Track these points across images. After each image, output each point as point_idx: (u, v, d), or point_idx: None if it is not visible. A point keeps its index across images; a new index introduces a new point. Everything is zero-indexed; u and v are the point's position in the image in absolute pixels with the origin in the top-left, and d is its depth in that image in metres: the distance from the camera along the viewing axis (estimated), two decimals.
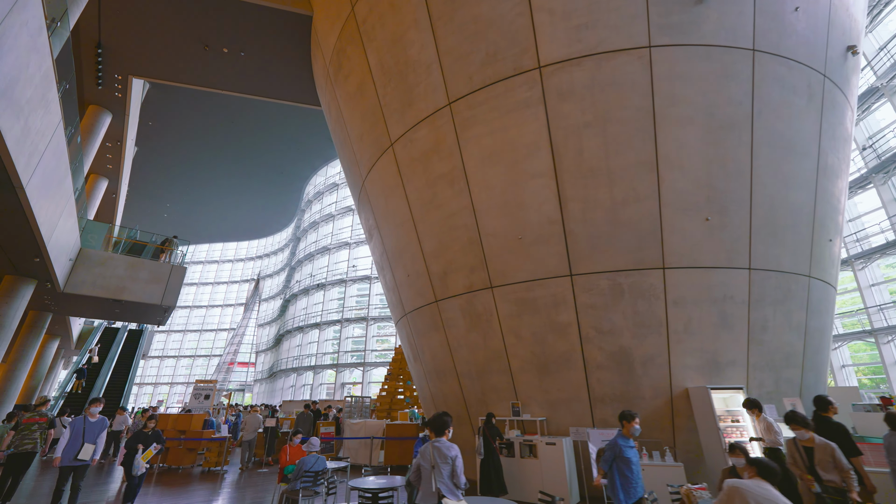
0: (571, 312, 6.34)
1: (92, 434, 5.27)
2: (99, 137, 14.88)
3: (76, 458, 5.06)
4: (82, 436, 5.17)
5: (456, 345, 7.62)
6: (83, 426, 5.23)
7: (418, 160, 7.85)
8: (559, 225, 6.38)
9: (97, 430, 5.35)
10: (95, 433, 5.31)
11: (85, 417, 5.35)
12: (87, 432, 5.20)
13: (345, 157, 11.06)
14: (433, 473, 2.89)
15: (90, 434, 5.25)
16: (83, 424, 5.24)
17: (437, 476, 2.87)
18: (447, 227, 7.50)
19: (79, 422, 5.27)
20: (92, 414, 5.39)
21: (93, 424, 5.34)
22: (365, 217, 10.46)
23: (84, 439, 5.15)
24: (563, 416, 6.45)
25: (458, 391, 7.75)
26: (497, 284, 6.91)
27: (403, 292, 8.97)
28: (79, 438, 5.14)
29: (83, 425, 5.23)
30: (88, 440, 5.19)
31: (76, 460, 5.07)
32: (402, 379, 12.55)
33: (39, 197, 7.85)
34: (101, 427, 5.40)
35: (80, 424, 5.23)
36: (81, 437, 5.15)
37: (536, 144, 6.53)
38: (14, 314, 11.60)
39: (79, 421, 5.27)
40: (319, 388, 23.27)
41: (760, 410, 5.16)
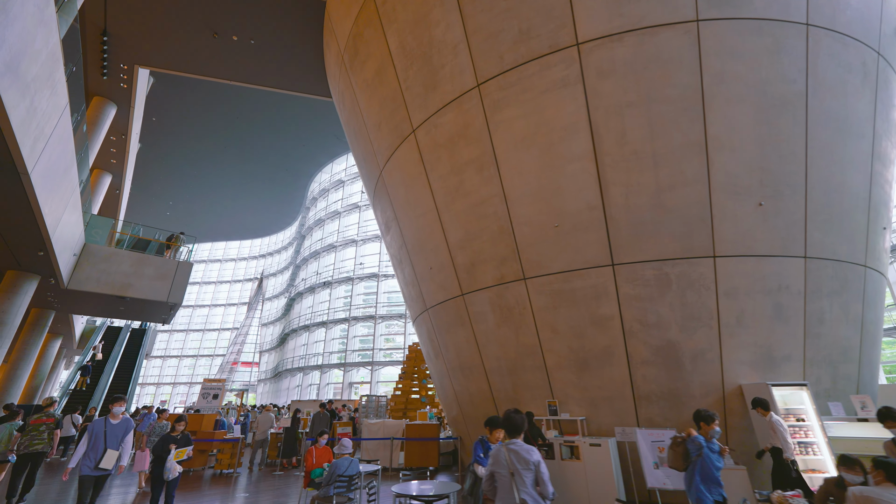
0: (613, 304, 5.94)
1: (115, 438, 4.62)
2: (103, 130, 14.50)
3: (98, 467, 4.41)
4: (104, 440, 4.50)
5: (484, 340, 7.23)
6: (104, 429, 4.57)
7: (443, 146, 7.46)
8: (599, 211, 5.99)
9: (121, 433, 4.70)
10: (119, 437, 4.66)
11: (106, 419, 4.70)
12: (109, 436, 4.56)
13: (359, 148, 10.66)
14: (513, 482, 2.49)
15: (113, 438, 4.60)
16: (104, 427, 4.59)
17: (519, 485, 2.47)
18: (475, 216, 7.11)
19: (99, 424, 4.61)
20: (114, 415, 4.76)
21: (115, 427, 4.68)
22: (382, 209, 10.06)
23: (106, 444, 4.51)
24: (605, 415, 6.05)
25: (486, 389, 7.35)
26: (531, 276, 6.51)
27: (424, 286, 8.58)
28: (100, 443, 4.49)
29: (104, 428, 4.58)
30: (111, 445, 4.55)
31: (98, 469, 4.42)
32: (416, 377, 12.16)
33: (44, 186, 7.46)
34: (125, 429, 4.77)
35: (101, 427, 4.58)
36: (103, 442, 4.49)
37: (574, 126, 6.13)
38: (16, 311, 11.21)
39: (99, 423, 4.62)
40: (327, 387, 22.87)
41: (767, 410, 4.87)
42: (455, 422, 8.80)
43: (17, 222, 8.29)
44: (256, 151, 30.54)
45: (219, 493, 7.14)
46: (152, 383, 37.74)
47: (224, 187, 34.87)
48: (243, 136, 28.90)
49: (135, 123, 15.56)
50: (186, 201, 35.45)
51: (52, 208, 8.38)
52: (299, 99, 25.58)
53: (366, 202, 25.73)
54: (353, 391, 22.02)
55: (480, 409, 7.61)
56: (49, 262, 10.57)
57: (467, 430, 8.18)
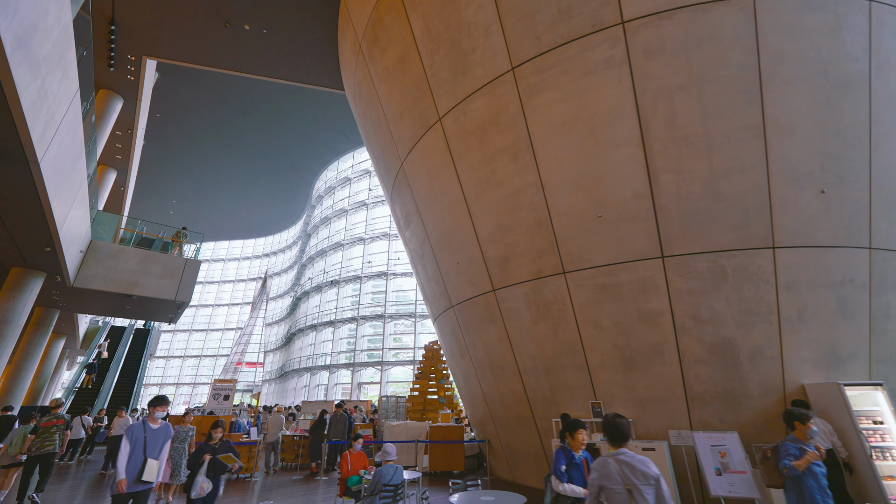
0: (663, 299, 5.57)
1: (155, 446, 3.96)
2: (109, 124, 14.13)
3: (138, 480, 3.79)
4: (143, 449, 3.86)
5: (518, 338, 6.86)
6: (144, 435, 3.92)
7: (473, 134, 7.09)
8: (648, 200, 5.62)
9: (161, 440, 4.06)
10: (159, 444, 4.02)
11: (145, 424, 4.02)
12: (149, 443, 3.90)
13: (377, 141, 10.29)
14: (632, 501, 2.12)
15: (153, 446, 3.94)
16: (143, 433, 3.93)
17: None
18: (508, 207, 6.74)
19: (138, 429, 3.94)
20: (155, 419, 4.12)
21: (155, 433, 4.02)
22: (401, 203, 9.69)
23: (146, 454, 3.86)
24: (654, 416, 5.68)
25: (519, 389, 6.98)
26: (571, 269, 6.15)
27: (450, 282, 8.21)
28: (139, 452, 3.84)
29: (143, 434, 3.93)
30: (151, 454, 3.90)
31: (138, 483, 3.79)
32: (433, 377, 11.78)
33: (53, 177, 7.10)
34: (165, 436, 4.13)
35: (140, 433, 3.92)
36: (143, 451, 3.85)
37: (619, 110, 5.77)
38: (22, 309, 10.84)
39: (138, 428, 3.95)
40: (335, 388, 22.49)
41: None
42: (481, 424, 8.43)
43: (25, 216, 7.91)
44: (261, 149, 30.19)
45: (239, 500, 6.77)
46: (155, 384, 37.34)
47: (228, 186, 34.51)
48: (248, 134, 28.55)
49: (141, 117, 15.19)
50: (190, 200, 35.09)
51: (60, 201, 8.01)
52: (305, 96, 25.26)
53: (374, 200, 25.36)
54: (361, 392, 21.65)
55: (512, 411, 7.24)
56: (56, 259, 10.21)
57: (496, 432, 7.81)
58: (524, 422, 6.99)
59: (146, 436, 3.93)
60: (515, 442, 7.34)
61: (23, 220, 8.17)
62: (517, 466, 7.41)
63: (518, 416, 7.10)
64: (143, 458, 3.82)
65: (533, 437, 6.90)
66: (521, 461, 7.31)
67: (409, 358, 20.86)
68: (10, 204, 7.59)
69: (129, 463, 3.77)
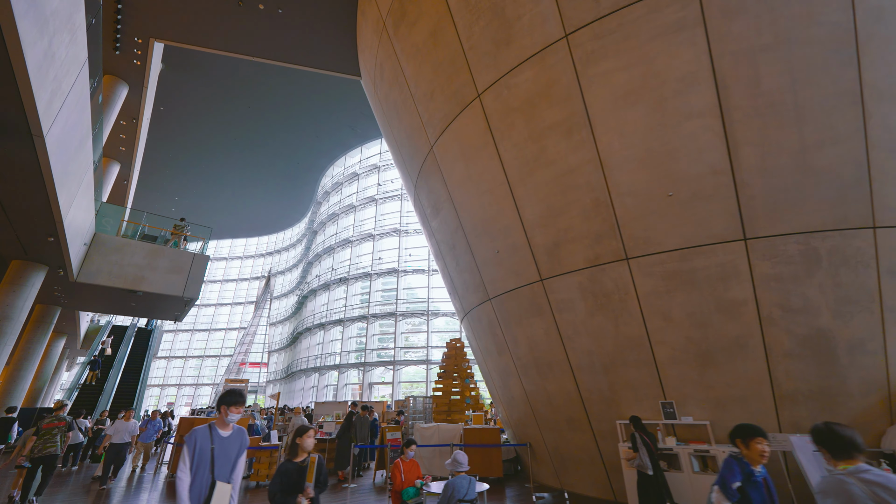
0: (746, 286, 4.98)
1: (226, 461, 2.71)
2: (114, 113, 13.51)
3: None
4: (211, 466, 2.62)
5: (571, 332, 6.26)
6: (211, 446, 2.66)
7: (518, 110, 6.50)
8: (727, 175, 5.03)
9: (234, 452, 2.76)
10: (232, 459, 2.75)
11: (213, 430, 2.72)
12: (217, 458, 2.65)
13: (401, 126, 9.69)
14: None
15: (223, 462, 2.68)
16: (211, 442, 2.67)
17: None
18: (560, 188, 6.15)
19: (203, 437, 2.67)
20: (224, 423, 2.79)
21: (227, 442, 2.73)
22: (429, 191, 9.09)
23: (214, 471, 2.62)
24: (735, 417, 5.07)
25: (571, 388, 6.38)
26: (636, 255, 5.55)
27: (488, 273, 7.61)
28: (205, 471, 2.61)
29: (211, 443, 2.67)
30: (220, 473, 2.65)
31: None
32: (456, 377, 11.17)
33: (59, 156, 6.48)
34: (239, 447, 2.80)
35: (206, 442, 2.66)
36: (209, 469, 2.61)
37: (693, 76, 5.18)
38: (22, 305, 10.20)
39: (203, 436, 2.68)
40: (345, 388, 21.85)
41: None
42: (521, 426, 7.83)
43: (27, 200, 7.30)
44: (265, 145, 29.59)
45: None
46: (156, 385, 36.65)
47: (231, 183, 33.90)
48: (252, 130, 27.95)
49: (147, 106, 14.58)
50: (193, 197, 34.48)
51: (65, 186, 7.40)
52: (311, 90, 24.66)
53: (384, 196, 24.74)
54: (372, 392, 21.03)
55: (561, 412, 6.64)
56: (59, 251, 9.58)
57: (541, 435, 7.20)
58: (576, 424, 6.39)
59: (214, 447, 2.64)
60: (565, 446, 6.74)
61: (25, 205, 7.55)
62: (566, 472, 6.81)
63: (569, 418, 6.50)
64: (211, 479, 2.59)
65: (587, 441, 6.30)
66: (571, 467, 6.71)
67: (422, 357, 20.24)
68: (12, 187, 6.98)
69: (196, 482, 2.56)
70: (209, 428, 2.75)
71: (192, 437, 2.67)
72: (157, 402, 35.68)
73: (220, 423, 2.79)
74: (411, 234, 22.86)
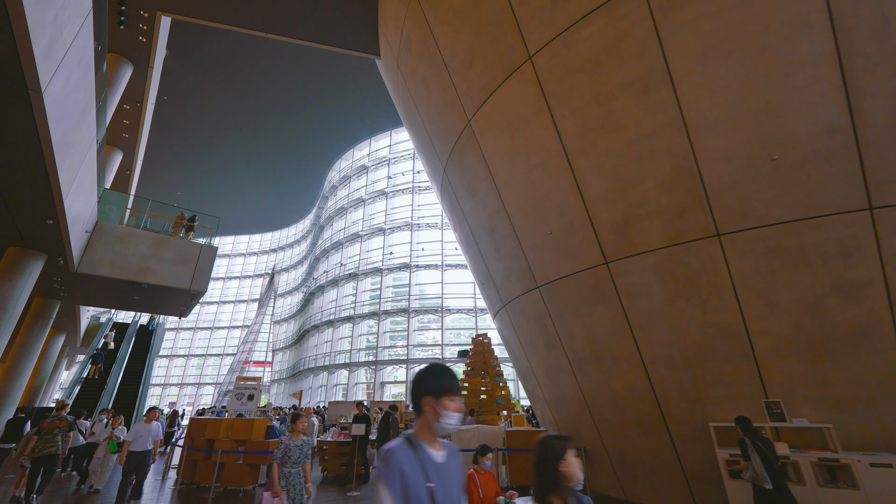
0: (873, 264, 4.21)
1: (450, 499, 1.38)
2: (117, 95, 12.73)
3: None
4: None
5: (644, 321, 5.48)
6: (427, 483, 1.33)
7: (580, 70, 5.73)
8: (847, 134, 4.27)
9: (455, 488, 1.44)
10: (454, 497, 1.42)
11: (419, 450, 1.39)
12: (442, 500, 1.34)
13: (431, 101, 8.93)
14: None
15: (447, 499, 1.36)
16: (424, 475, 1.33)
17: None
18: (632, 157, 5.38)
19: (409, 463, 1.33)
20: (434, 434, 1.46)
21: (444, 472, 1.40)
22: (463, 170, 8.33)
23: None
24: (859, 420, 4.31)
25: (642, 386, 5.61)
26: (729, 230, 4.78)
27: (536, 258, 6.84)
28: None
29: (425, 478, 1.34)
30: None
31: None
32: (485, 375, 10.41)
33: (60, 121, 5.70)
34: (459, 477, 1.50)
35: (416, 475, 1.32)
36: None
37: (803, 19, 4.41)
38: (19, 296, 9.41)
39: (408, 460, 1.34)
40: (355, 387, 21.05)
41: None
42: (574, 428, 7.05)
43: (24, 174, 6.51)
44: (271, 138, 28.86)
45: None
46: (158, 384, 35.84)
47: (236, 178, 33.17)
48: (258, 122, 27.22)
49: (152, 88, 13.80)
50: (195, 192, 33.72)
51: (66, 159, 6.62)
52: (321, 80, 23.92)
53: (395, 188, 23.96)
54: (384, 391, 20.24)
55: (629, 413, 5.86)
56: (58, 236, 8.80)
57: (599, 438, 6.43)
58: (649, 427, 5.62)
59: (433, 485, 1.34)
60: (632, 451, 5.97)
61: (21, 180, 6.77)
62: (633, 481, 6.03)
63: (638, 420, 5.73)
64: None
65: (662, 447, 5.52)
66: (639, 475, 5.93)
67: (437, 355, 19.46)
68: (6, 157, 6.20)
69: None
70: (412, 445, 1.41)
71: (393, 467, 1.32)
72: (158, 401, 34.86)
73: (427, 432, 1.44)
74: (423, 228, 22.09)
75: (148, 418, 6.34)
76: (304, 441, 4.13)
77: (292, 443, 4.04)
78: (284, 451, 3.99)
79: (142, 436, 6.11)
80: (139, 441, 6.07)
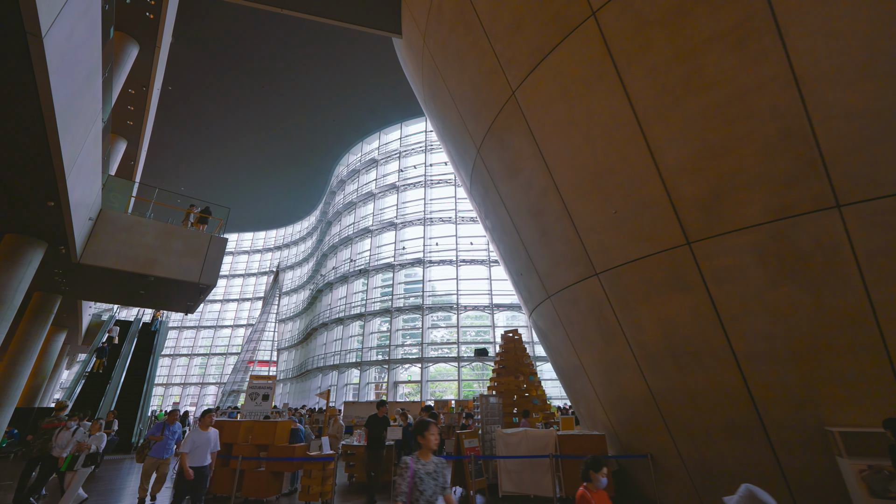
0: None
1: None
2: (123, 75, 12.04)
3: None
4: None
5: (737, 310, 4.75)
6: None
7: (658, 23, 5.01)
8: None
9: None
10: None
11: None
12: None
13: (465, 77, 8.23)
14: None
15: None
16: None
17: None
18: (725, 120, 4.66)
19: None
20: None
21: None
22: (503, 149, 7.62)
23: None
24: None
25: (733, 384, 4.88)
26: (852, 200, 4.06)
27: (595, 241, 6.12)
28: None
29: None
30: None
31: None
32: (519, 373, 9.68)
33: (62, 77, 4.98)
34: None
35: None
36: None
37: None
38: (17, 286, 8.69)
39: None
40: (367, 387, 20.31)
41: None
42: (637, 431, 6.32)
43: (21, 139, 5.79)
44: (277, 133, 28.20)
45: None
46: (160, 384, 35.12)
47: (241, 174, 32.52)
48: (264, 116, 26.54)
49: (158, 71, 13.10)
50: (200, 189, 33.04)
51: (69, 129, 5.90)
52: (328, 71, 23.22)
53: (406, 182, 23.23)
54: (398, 391, 19.51)
55: (714, 415, 5.13)
56: (60, 221, 8.10)
57: (673, 444, 5.69)
58: (740, 431, 4.89)
59: None
60: (717, 459, 5.24)
61: (19, 156, 6.06)
62: (718, 493, 5.29)
63: (727, 424, 5.00)
64: None
65: (759, 454, 4.79)
66: (725, 487, 5.19)
67: (452, 354, 18.73)
68: (1, 129, 5.48)
69: None
70: None
71: None
72: (161, 401, 34.15)
73: None
74: (436, 223, 21.36)
75: (204, 424, 5.06)
76: (437, 466, 2.67)
77: (421, 468, 2.59)
78: (412, 482, 2.52)
79: (199, 446, 4.81)
80: (197, 453, 4.76)
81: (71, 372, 31.46)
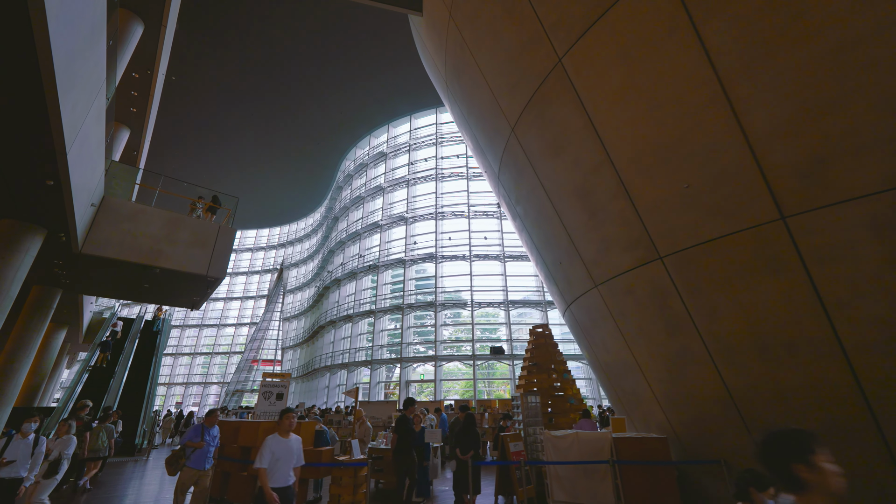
0: None
1: None
2: (125, 58, 11.40)
3: None
4: None
5: (846, 293, 4.11)
6: None
7: None
8: None
9: None
10: None
11: None
12: None
13: (499, 49, 7.60)
14: None
15: None
16: None
17: None
18: (832, 72, 4.01)
19: None
20: None
21: None
22: (544, 124, 6.98)
23: None
24: None
25: (839, 380, 4.23)
26: None
27: (657, 221, 5.48)
28: None
29: None
30: None
31: None
32: (553, 371, 9.03)
33: (62, 30, 4.32)
34: None
35: None
36: None
37: None
38: (14, 277, 8.05)
39: None
40: (378, 386, 19.65)
41: None
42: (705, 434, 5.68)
43: (15, 99, 5.14)
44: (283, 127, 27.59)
45: None
46: (163, 383, 34.47)
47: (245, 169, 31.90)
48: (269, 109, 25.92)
49: (164, 53, 12.46)
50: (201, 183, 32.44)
51: (70, 94, 5.25)
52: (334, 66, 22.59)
53: (416, 176, 22.57)
54: (409, 390, 18.83)
55: (810, 415, 4.48)
56: (60, 204, 7.46)
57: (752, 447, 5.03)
58: (846, 434, 4.25)
59: None
60: None
61: (14, 125, 5.41)
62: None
63: (828, 426, 4.35)
64: None
65: (872, 463, 4.14)
66: None
67: (466, 352, 18.08)
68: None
69: None
70: None
71: None
72: (163, 401, 33.51)
73: None
74: (448, 217, 20.72)
75: (283, 429, 3.80)
76: None
77: None
78: None
79: (280, 459, 3.66)
80: (278, 469, 3.60)
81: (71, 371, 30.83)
